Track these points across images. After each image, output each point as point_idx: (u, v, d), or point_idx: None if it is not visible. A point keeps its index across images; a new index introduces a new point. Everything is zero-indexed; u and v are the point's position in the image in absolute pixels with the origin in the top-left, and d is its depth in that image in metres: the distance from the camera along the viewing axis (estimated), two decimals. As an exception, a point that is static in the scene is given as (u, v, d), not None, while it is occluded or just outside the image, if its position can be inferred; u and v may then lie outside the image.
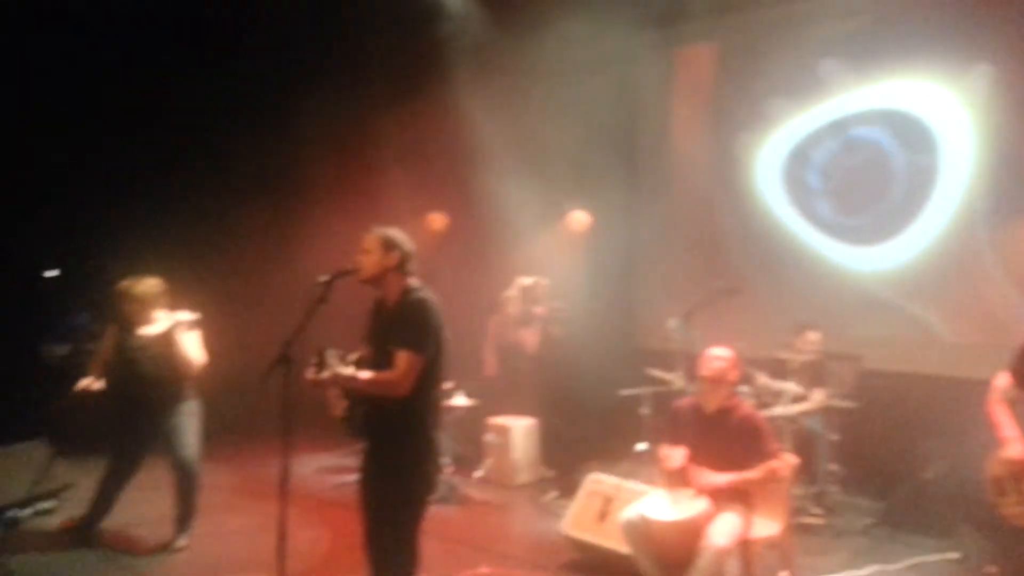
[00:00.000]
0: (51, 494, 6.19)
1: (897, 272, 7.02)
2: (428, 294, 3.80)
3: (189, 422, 5.55)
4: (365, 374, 3.68)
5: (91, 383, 5.59)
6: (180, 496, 5.60)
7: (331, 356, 3.65)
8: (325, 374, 3.60)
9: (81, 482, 6.24)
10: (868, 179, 7.13)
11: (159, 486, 5.72)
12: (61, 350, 7.81)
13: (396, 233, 3.84)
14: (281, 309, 5.64)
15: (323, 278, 3.67)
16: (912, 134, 6.88)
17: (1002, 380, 4.51)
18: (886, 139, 7.05)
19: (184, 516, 5.61)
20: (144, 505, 6.11)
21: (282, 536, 3.63)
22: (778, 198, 7.66)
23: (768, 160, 7.70)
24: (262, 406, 4.34)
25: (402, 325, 3.69)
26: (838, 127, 7.27)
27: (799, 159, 7.52)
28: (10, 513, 5.73)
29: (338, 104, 8.23)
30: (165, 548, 5.53)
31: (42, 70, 7.47)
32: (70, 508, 6.02)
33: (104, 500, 5.64)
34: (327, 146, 8.39)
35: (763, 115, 7.64)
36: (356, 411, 3.78)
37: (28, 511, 5.93)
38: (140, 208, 7.48)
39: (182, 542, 5.56)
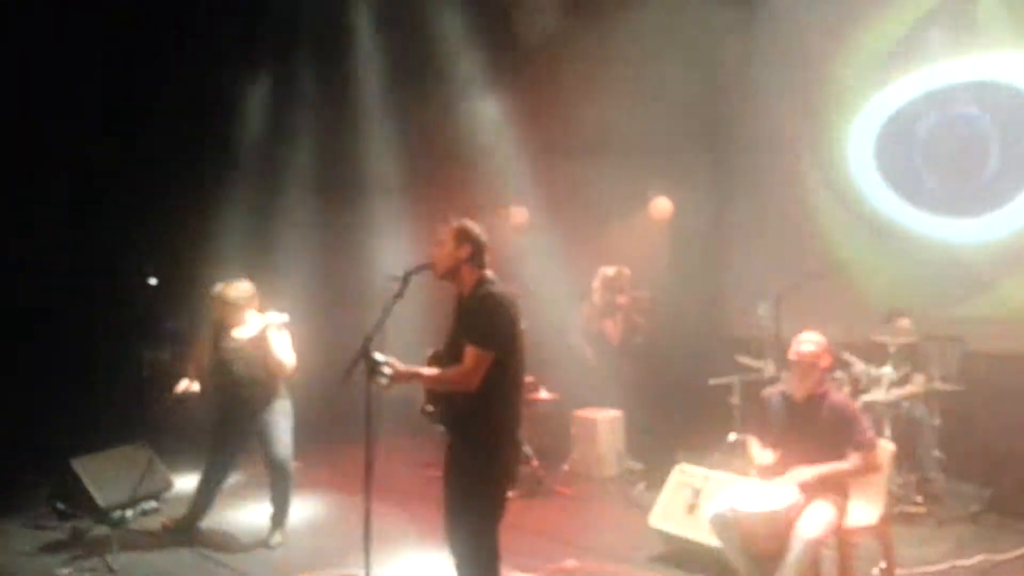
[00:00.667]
0: (153, 495, 6.44)
1: (1000, 245, 6.65)
2: (499, 288, 3.74)
3: (282, 422, 5.68)
4: (429, 370, 3.67)
5: (188, 386, 5.80)
6: (274, 494, 5.74)
7: (378, 357, 3.58)
8: (384, 379, 3.54)
9: (181, 483, 6.49)
10: (968, 150, 6.79)
11: (255, 485, 5.88)
12: (162, 355, 8.13)
13: (470, 224, 3.78)
14: (363, 307, 5.72)
15: (399, 274, 3.67)
16: (1012, 106, 6.51)
17: None
18: (985, 112, 6.69)
19: (278, 514, 5.74)
20: (240, 504, 6.32)
21: (368, 529, 3.66)
22: (871, 173, 7.36)
23: (860, 135, 7.40)
24: (348, 404, 4.40)
25: (471, 320, 3.66)
26: (935, 99, 6.96)
27: (895, 132, 7.21)
28: (116, 514, 5.96)
29: (415, 99, 8.30)
30: (261, 545, 5.66)
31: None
32: (171, 508, 6.24)
33: (203, 500, 5.82)
34: (405, 142, 8.46)
35: (854, 88, 7.34)
36: (436, 405, 3.79)
37: (132, 512, 6.17)
38: (224, 214, 7.69)
39: (277, 539, 5.68)
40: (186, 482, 6.26)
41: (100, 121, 7.65)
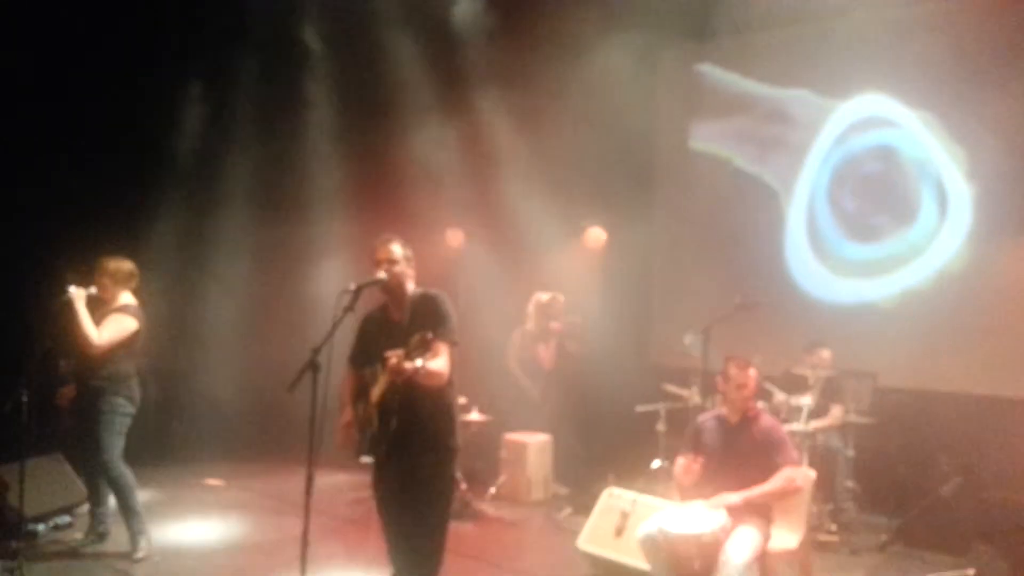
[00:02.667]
0: (68, 508, 6.21)
1: (912, 292, 7.04)
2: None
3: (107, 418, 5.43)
4: (429, 364, 3.66)
5: (69, 390, 5.65)
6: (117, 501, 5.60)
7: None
8: (409, 365, 3.56)
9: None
10: (877, 194, 7.21)
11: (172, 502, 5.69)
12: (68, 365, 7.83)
13: (404, 243, 4.01)
14: (299, 324, 5.68)
15: (351, 286, 3.71)
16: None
17: None
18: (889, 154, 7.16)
19: (129, 521, 5.56)
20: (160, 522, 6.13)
21: (305, 547, 3.61)
22: (796, 218, 7.72)
23: (786, 179, 7.76)
24: (284, 421, 4.36)
25: (433, 316, 3.80)
26: (844, 140, 7.39)
27: (814, 179, 7.59)
28: (29, 527, 5.73)
29: (358, 119, 8.31)
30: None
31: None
32: (81, 523, 6.04)
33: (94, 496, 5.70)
34: (346, 162, 8.45)
35: (778, 136, 7.70)
36: (390, 423, 3.80)
37: (45, 526, 5.95)
38: (157, 224, 7.51)
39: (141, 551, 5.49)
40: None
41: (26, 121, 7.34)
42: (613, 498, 5.52)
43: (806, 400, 6.07)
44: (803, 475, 4.58)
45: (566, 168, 7.74)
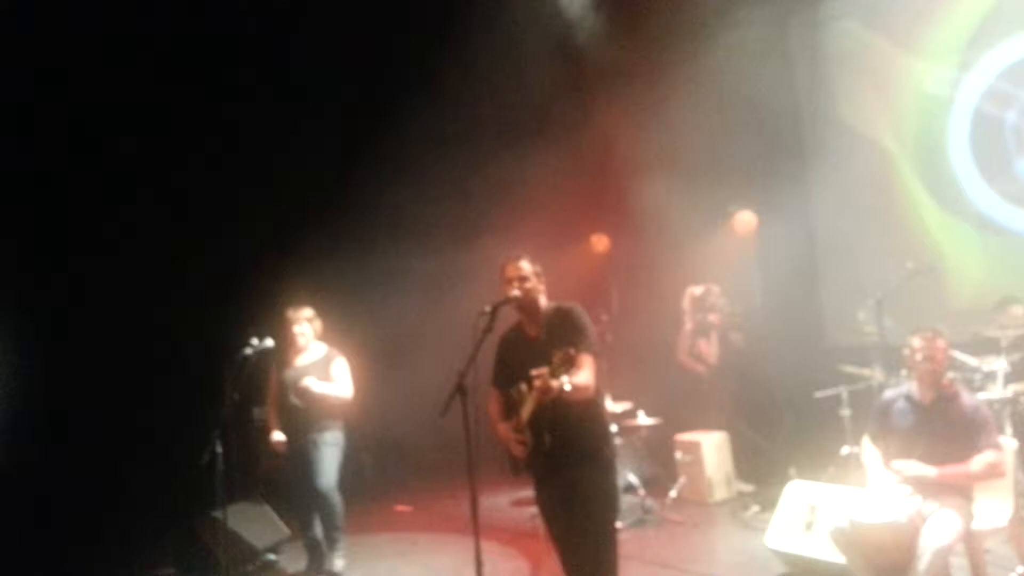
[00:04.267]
0: (273, 547, 6.61)
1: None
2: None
3: (331, 451, 5.80)
4: (576, 379, 3.67)
5: (276, 441, 5.92)
6: (323, 521, 5.87)
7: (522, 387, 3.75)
8: (556, 383, 3.58)
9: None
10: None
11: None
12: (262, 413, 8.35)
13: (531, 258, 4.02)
14: (445, 349, 5.80)
15: (487, 308, 3.76)
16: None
17: None
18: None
19: (333, 540, 5.86)
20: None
21: (479, 569, 3.67)
22: (966, 161, 7.09)
23: (953, 124, 7.16)
24: (444, 443, 4.45)
25: (572, 332, 3.79)
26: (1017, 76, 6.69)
27: (985, 118, 6.95)
28: (239, 568, 6.14)
29: (491, 139, 8.42)
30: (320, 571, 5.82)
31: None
32: (287, 561, 6.39)
33: (306, 540, 5.98)
34: (484, 184, 8.58)
35: (936, 80, 7.13)
36: (543, 440, 3.81)
37: (254, 566, 6.35)
38: (307, 263, 7.88)
39: (338, 564, 5.81)
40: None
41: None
42: (798, 491, 5.26)
43: (1001, 363, 5.54)
44: (1007, 457, 4.15)
45: (704, 155, 7.48)
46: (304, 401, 5.72)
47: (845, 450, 6.28)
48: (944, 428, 4.19)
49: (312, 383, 5.69)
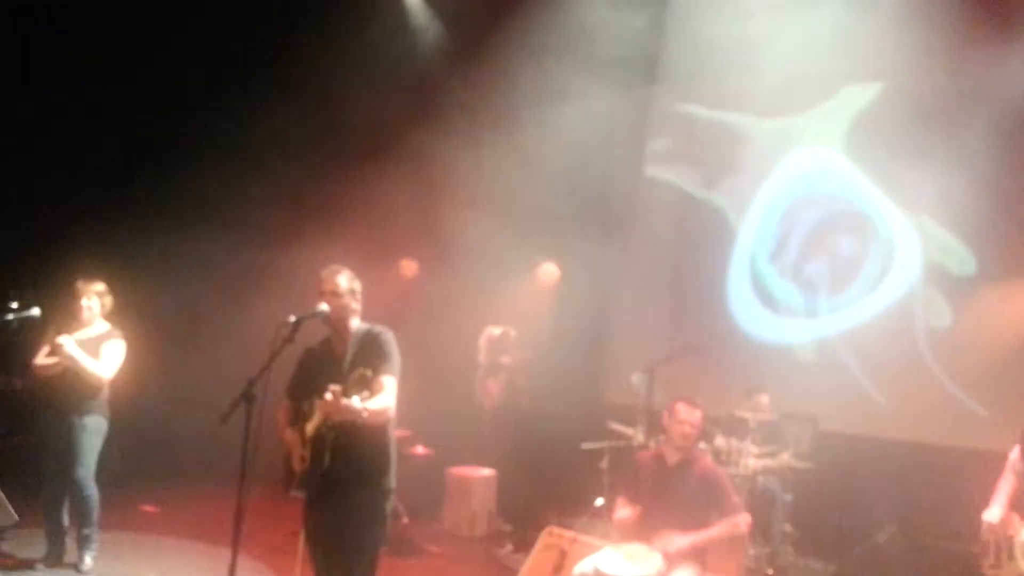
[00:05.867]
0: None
1: (854, 335, 7.19)
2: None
3: (91, 439, 5.47)
4: (369, 403, 3.64)
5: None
6: (79, 513, 5.53)
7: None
8: (346, 403, 3.55)
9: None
10: (821, 241, 7.40)
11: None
12: (19, 383, 7.64)
13: (355, 277, 3.99)
14: (240, 350, 5.62)
15: (292, 318, 3.69)
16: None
17: (1014, 453, 4.62)
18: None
19: (84, 536, 5.54)
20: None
21: (233, 577, 3.57)
22: (740, 259, 7.87)
23: (734, 216, 7.90)
24: (220, 447, 4.30)
25: (378, 355, 3.79)
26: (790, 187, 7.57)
27: (759, 222, 7.75)
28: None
29: (309, 148, 8.30)
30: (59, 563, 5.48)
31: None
32: (11, 547, 5.86)
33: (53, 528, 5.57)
34: (296, 189, 8.43)
35: (741, 165, 7.86)
36: (322, 459, 3.76)
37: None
38: (113, 238, 7.38)
39: (87, 563, 5.50)
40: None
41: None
42: (553, 536, 5.49)
43: (746, 443, 6.13)
44: (745, 520, 4.61)
45: (521, 203, 7.78)
46: (59, 360, 5.26)
47: (599, 502, 6.66)
48: (685, 488, 4.56)
49: (67, 342, 5.24)
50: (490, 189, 7.72)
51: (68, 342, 5.25)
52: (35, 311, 5.26)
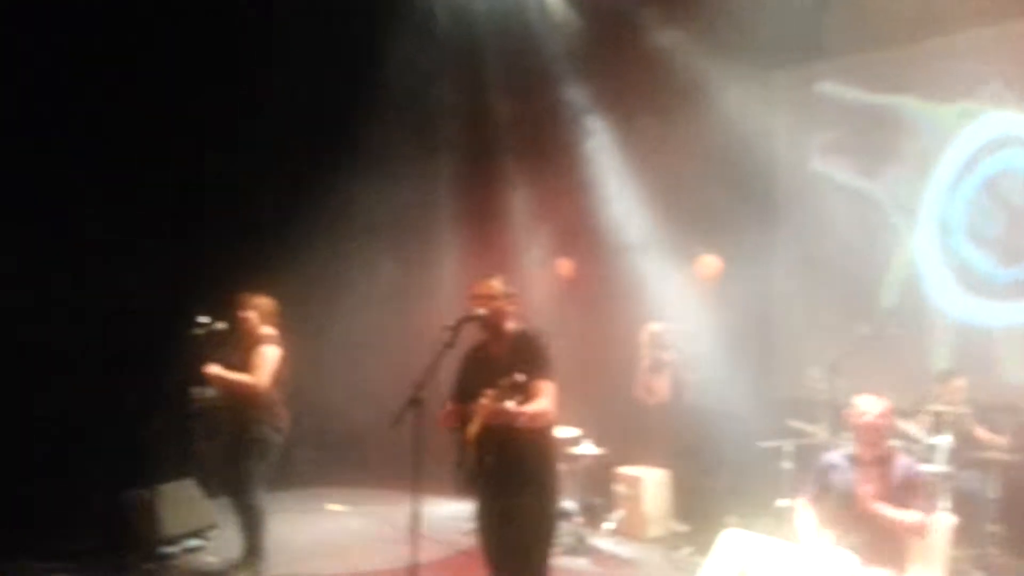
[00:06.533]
0: (200, 532, 6.48)
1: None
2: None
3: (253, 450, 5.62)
4: (527, 407, 3.68)
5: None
6: (246, 531, 5.71)
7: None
8: (506, 407, 3.59)
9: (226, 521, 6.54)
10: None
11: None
12: (209, 392, 8.21)
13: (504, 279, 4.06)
14: (403, 357, 5.76)
15: (451, 323, 3.75)
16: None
17: None
18: None
19: (252, 549, 5.71)
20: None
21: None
22: (927, 238, 7.27)
23: (916, 200, 7.33)
24: (392, 451, 4.42)
25: (534, 357, 3.82)
26: (975, 163, 6.87)
27: (948, 198, 7.12)
28: (161, 549, 6.01)
29: (467, 153, 8.43)
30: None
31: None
32: (215, 547, 6.26)
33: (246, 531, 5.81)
34: (455, 195, 8.59)
35: (906, 152, 7.30)
36: (485, 460, 3.79)
37: (178, 549, 6.22)
38: (266, 255, 7.79)
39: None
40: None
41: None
42: (733, 538, 5.28)
43: (945, 438, 5.65)
44: (941, 531, 4.25)
45: (677, 194, 7.56)
46: (214, 388, 5.56)
47: (782, 503, 6.35)
48: (880, 489, 4.26)
49: (213, 370, 5.50)
50: (647, 182, 7.55)
51: (213, 369, 5.52)
52: (222, 324, 5.62)
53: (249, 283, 5.92)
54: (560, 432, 6.42)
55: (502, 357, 3.91)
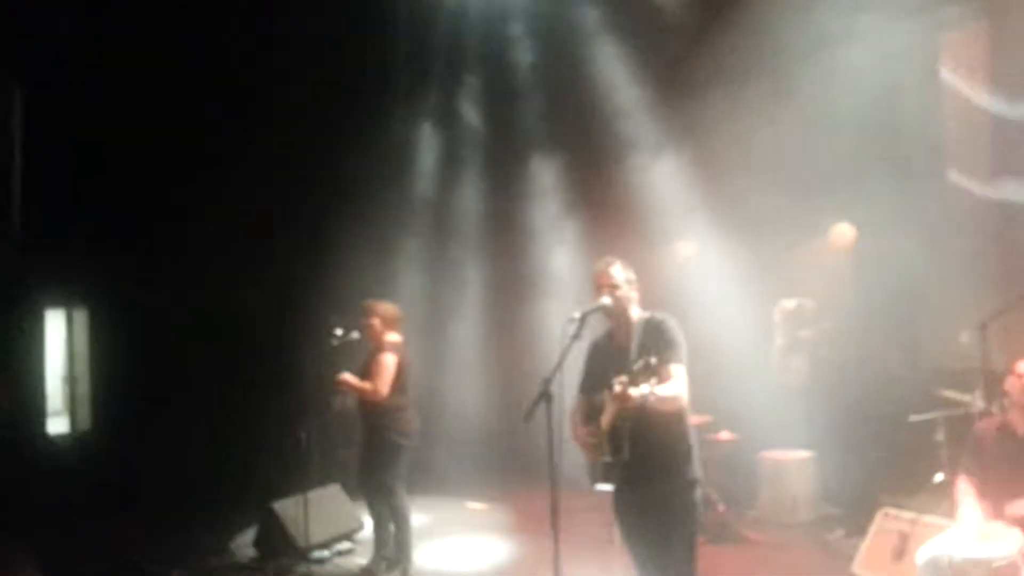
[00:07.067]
0: (347, 535, 6.71)
1: None
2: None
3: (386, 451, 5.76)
4: (659, 389, 3.59)
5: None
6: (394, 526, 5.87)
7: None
8: (635, 392, 3.52)
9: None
10: None
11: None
12: (348, 400, 8.51)
13: (624, 264, 3.96)
14: (530, 351, 5.75)
15: (576, 314, 3.71)
16: None
17: None
18: None
19: (400, 546, 5.85)
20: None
21: (557, 573, 3.64)
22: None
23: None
24: (526, 445, 4.43)
25: (662, 343, 3.74)
26: None
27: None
28: (315, 554, 6.25)
29: (572, 141, 8.38)
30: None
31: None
32: (363, 549, 6.46)
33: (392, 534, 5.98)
34: (567, 185, 8.55)
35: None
36: (621, 450, 3.73)
37: (330, 552, 6.46)
38: (391, 260, 7.99)
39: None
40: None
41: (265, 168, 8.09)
42: (889, 518, 5.05)
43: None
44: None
45: (804, 163, 7.22)
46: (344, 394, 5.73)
47: (938, 478, 6.00)
48: None
49: (347, 376, 5.70)
50: (768, 153, 7.24)
51: (345, 377, 5.71)
52: (356, 334, 5.80)
53: (373, 290, 6.08)
54: (694, 418, 6.33)
55: (629, 344, 3.84)
